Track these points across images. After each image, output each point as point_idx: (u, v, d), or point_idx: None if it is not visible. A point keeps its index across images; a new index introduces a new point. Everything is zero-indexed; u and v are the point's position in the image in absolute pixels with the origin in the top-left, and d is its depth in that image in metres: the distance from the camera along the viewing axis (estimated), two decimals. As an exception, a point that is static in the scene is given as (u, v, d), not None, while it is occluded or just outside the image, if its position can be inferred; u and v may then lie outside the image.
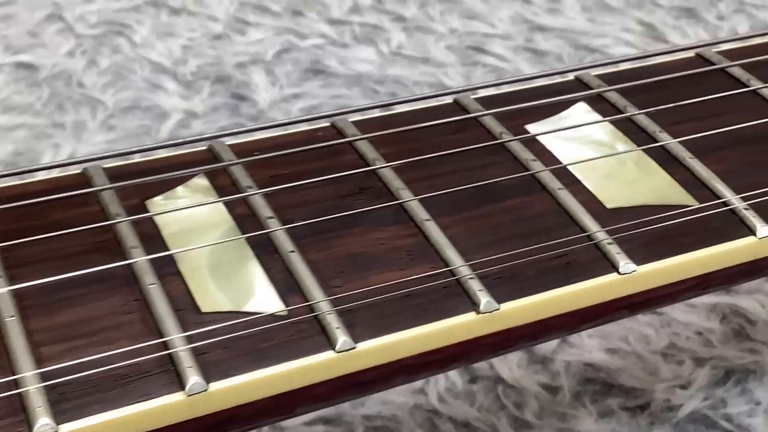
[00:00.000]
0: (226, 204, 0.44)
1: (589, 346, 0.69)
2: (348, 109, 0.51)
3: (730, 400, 0.68)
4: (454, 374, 0.70)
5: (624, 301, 0.43)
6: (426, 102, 0.53)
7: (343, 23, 1.17)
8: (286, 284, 0.40)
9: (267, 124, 0.50)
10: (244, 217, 0.44)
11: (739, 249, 0.44)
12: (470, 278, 0.41)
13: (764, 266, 0.45)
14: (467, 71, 1.06)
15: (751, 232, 0.45)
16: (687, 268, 0.44)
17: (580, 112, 0.52)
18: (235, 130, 0.48)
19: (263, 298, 0.40)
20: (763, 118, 0.52)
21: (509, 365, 0.70)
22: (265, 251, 0.42)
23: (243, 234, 0.43)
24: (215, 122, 0.98)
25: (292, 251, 0.42)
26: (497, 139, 0.49)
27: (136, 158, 0.47)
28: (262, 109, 0.99)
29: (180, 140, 0.47)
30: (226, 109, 1.00)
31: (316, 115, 0.50)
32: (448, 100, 0.53)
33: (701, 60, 0.56)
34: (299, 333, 0.39)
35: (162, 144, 0.49)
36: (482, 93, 0.53)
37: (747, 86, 0.53)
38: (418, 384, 0.69)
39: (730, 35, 1.15)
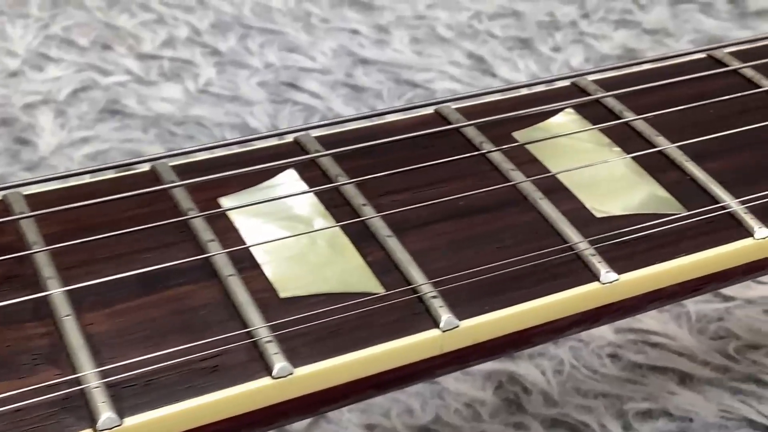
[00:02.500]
0: None
1: (347, 421, 0.66)
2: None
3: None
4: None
5: (280, 408, 0.40)
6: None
7: (153, 58, 1.13)
8: None
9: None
10: None
11: (420, 344, 0.41)
12: (96, 388, 0.37)
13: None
14: (275, 110, 1.03)
15: (435, 324, 0.42)
16: (357, 368, 0.40)
17: (289, 180, 0.49)
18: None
19: None
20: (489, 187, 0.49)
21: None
22: None
23: None
24: (-8, 170, 0.94)
25: None
26: (184, 215, 0.45)
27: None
28: (43, 156, 0.94)
29: None
30: (7, 155, 0.95)
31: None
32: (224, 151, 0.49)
33: (440, 119, 0.54)
34: None
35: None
36: (180, 160, 0.50)
37: (479, 149, 0.50)
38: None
39: (563, 68, 1.13)
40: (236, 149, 0.50)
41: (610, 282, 0.43)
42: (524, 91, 0.56)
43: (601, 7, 1.27)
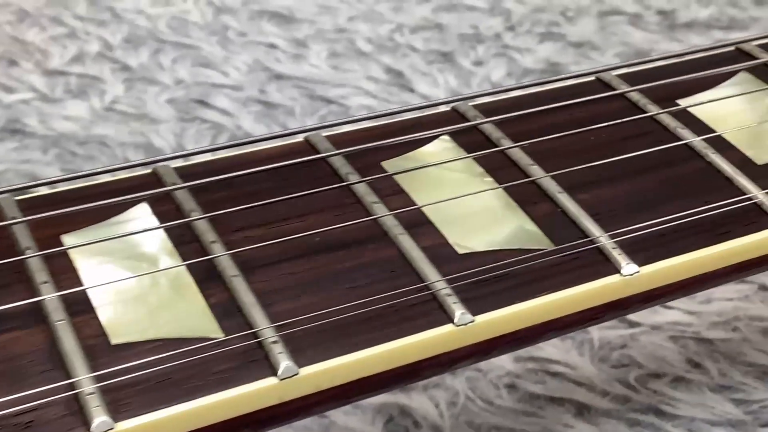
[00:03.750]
0: None
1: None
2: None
3: None
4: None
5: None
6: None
7: (61, 74, 1.10)
8: None
9: None
10: None
11: (255, 393, 0.40)
12: None
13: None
14: (182, 128, 1.01)
15: (273, 372, 0.40)
16: (187, 420, 0.39)
17: (141, 215, 0.47)
18: None
19: None
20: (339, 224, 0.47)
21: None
22: None
23: None
24: None
25: None
26: (21, 254, 0.43)
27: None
28: (-64, 178, 0.92)
29: None
30: None
31: None
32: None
33: (309, 148, 0.52)
34: None
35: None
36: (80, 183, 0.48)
37: (344, 180, 0.49)
38: None
39: (483, 82, 1.12)
40: (83, 183, 0.48)
41: (465, 324, 0.42)
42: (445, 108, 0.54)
43: (527, 19, 1.26)
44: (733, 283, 0.80)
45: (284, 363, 0.39)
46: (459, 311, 0.42)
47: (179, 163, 0.50)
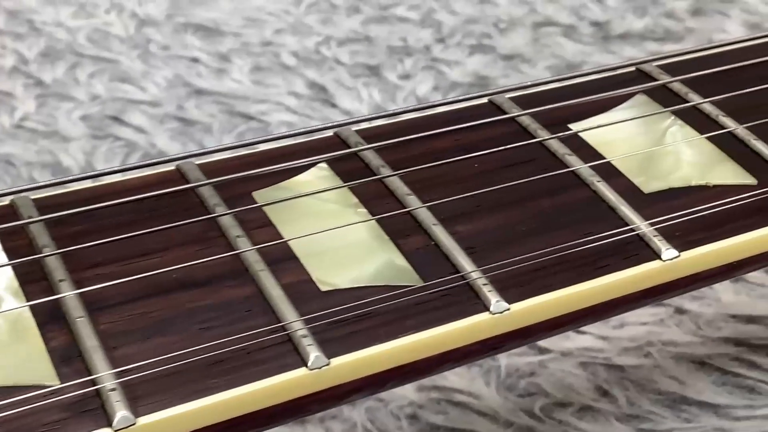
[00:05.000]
0: None
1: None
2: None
3: None
4: None
5: None
6: None
7: (-28, 90, 1.08)
8: None
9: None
10: None
11: None
12: None
13: None
14: (93, 147, 0.99)
15: (108, 423, 0.38)
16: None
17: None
18: None
19: None
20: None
21: None
22: None
23: None
24: None
25: None
26: None
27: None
28: None
29: None
30: None
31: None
32: None
33: (180, 177, 0.50)
34: None
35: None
36: None
37: (211, 212, 0.47)
38: None
39: (409, 97, 1.11)
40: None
41: (319, 367, 0.40)
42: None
43: (458, 31, 1.24)
44: (649, 306, 0.79)
45: (120, 413, 0.38)
46: (313, 354, 0.40)
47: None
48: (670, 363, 0.74)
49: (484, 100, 0.57)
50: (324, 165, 0.51)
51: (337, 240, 0.46)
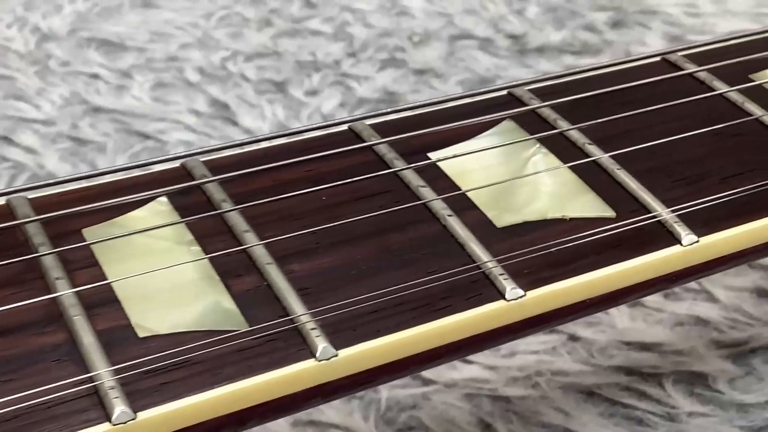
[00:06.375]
0: None
1: None
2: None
3: None
4: None
5: None
6: None
7: None
8: None
9: None
10: None
11: None
12: None
13: None
14: (-22, 169, 0.96)
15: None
16: None
17: None
18: None
19: None
20: None
21: None
22: None
23: None
24: None
25: None
26: None
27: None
28: None
29: None
30: None
31: None
32: None
33: (8, 212, 0.48)
34: None
35: None
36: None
37: (34, 252, 0.45)
38: None
39: (314, 114, 1.09)
40: None
41: (124, 422, 0.38)
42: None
43: (371, 45, 1.23)
44: (542, 333, 0.77)
45: None
46: (119, 408, 0.38)
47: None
48: (557, 393, 0.72)
49: (344, 127, 0.55)
50: (164, 199, 0.49)
51: (164, 281, 0.44)
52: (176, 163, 0.52)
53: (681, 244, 0.49)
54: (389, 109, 0.56)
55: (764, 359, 0.77)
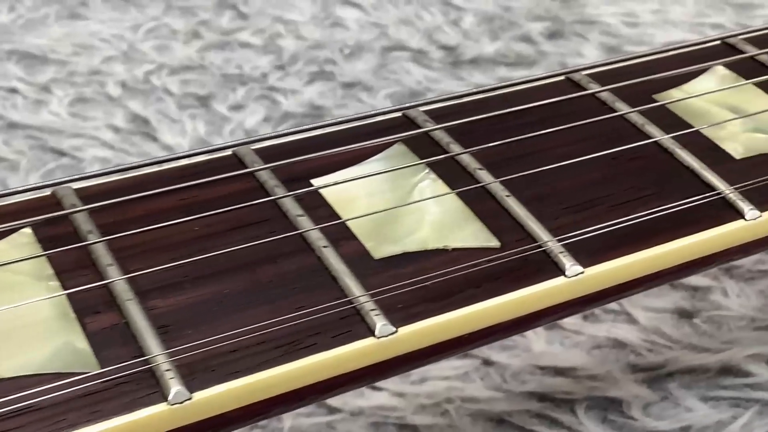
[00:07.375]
0: None
1: None
2: None
3: None
4: None
5: None
6: None
7: None
8: None
9: None
10: None
11: None
12: None
13: None
14: None
15: None
16: None
17: None
18: None
19: None
20: None
21: None
22: None
23: None
24: None
25: None
26: None
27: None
28: None
29: None
30: None
31: None
32: None
33: None
34: None
35: None
36: None
37: None
38: None
39: (237, 130, 1.07)
40: None
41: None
42: None
43: (301, 57, 1.21)
44: (455, 358, 0.76)
45: None
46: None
47: None
48: (466, 421, 0.71)
49: (229, 152, 0.53)
50: (28, 230, 0.47)
51: (15, 319, 0.43)
52: (47, 191, 0.50)
53: (565, 276, 0.47)
54: (273, 133, 0.55)
55: (681, 383, 0.76)
